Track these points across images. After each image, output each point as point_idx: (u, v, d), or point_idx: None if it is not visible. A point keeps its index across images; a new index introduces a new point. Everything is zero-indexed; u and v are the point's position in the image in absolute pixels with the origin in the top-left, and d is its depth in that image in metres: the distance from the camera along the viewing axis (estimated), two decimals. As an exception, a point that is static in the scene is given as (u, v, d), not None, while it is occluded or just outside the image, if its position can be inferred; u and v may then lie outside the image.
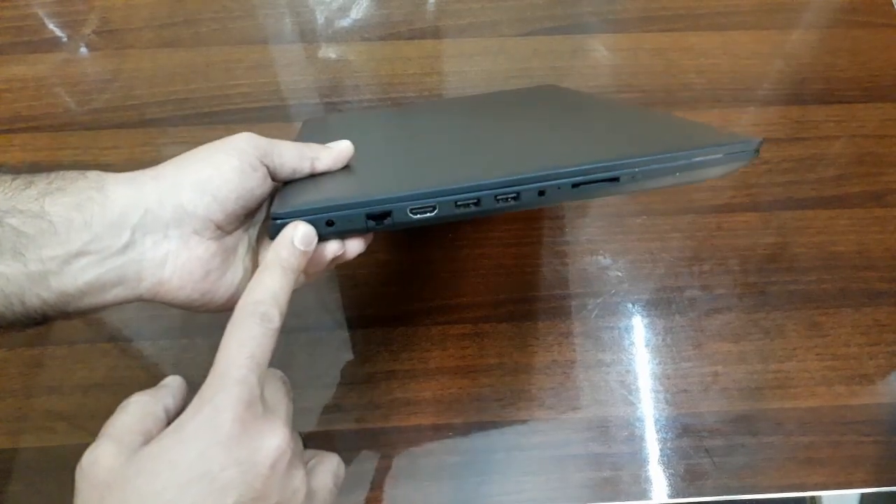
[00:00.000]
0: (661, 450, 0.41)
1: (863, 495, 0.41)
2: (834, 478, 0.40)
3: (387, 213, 0.29)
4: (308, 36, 0.58)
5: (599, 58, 0.58)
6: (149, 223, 0.27)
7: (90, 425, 0.24)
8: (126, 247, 0.27)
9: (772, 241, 0.48)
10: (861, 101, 0.55)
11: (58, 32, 0.57)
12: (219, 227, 0.29)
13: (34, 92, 0.54)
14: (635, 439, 0.41)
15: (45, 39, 0.57)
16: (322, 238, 0.30)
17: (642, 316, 0.45)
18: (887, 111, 0.55)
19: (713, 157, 0.31)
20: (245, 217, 0.31)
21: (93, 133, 0.52)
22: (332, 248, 0.31)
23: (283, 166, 0.31)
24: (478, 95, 0.53)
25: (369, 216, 0.29)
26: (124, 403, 0.26)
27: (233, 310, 0.26)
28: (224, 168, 0.28)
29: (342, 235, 0.31)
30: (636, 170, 0.30)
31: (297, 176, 0.32)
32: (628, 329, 0.45)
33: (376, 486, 0.39)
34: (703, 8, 0.61)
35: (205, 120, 0.53)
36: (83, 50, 0.56)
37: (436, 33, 0.59)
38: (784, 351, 0.44)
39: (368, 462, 0.40)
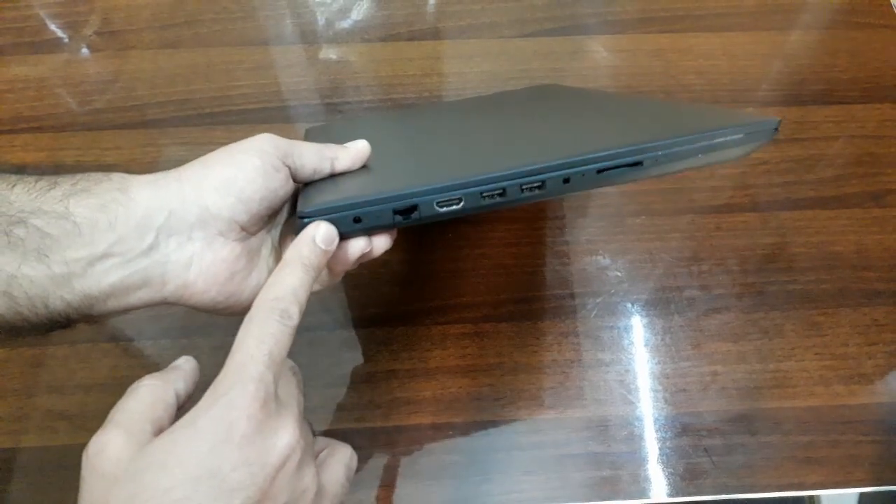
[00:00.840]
0: (660, 449, 0.41)
1: (861, 494, 0.41)
2: (832, 477, 0.40)
3: (413, 208, 0.29)
4: (309, 37, 0.59)
5: (599, 59, 0.58)
6: (173, 225, 0.27)
7: (91, 425, 0.24)
8: (150, 249, 0.27)
9: (771, 241, 0.49)
10: (860, 101, 0.55)
11: (59, 33, 0.58)
12: (243, 229, 0.29)
13: (36, 93, 0.54)
14: (634, 438, 0.41)
15: (46, 40, 0.57)
16: (349, 235, 0.30)
17: (641, 316, 0.45)
18: (886, 112, 0.55)
19: (735, 136, 0.31)
20: (268, 218, 0.31)
21: (94, 133, 0.52)
22: (359, 245, 0.30)
23: (303, 167, 0.31)
24: (479, 97, 0.53)
25: (396, 211, 0.29)
26: (134, 387, 0.26)
27: None
28: (247, 169, 0.28)
29: (369, 232, 0.30)
30: (659, 153, 0.30)
31: (318, 176, 0.32)
32: (628, 329, 0.45)
33: (377, 484, 0.39)
34: (702, 9, 0.61)
35: (206, 121, 0.53)
36: (85, 51, 0.57)
37: (436, 34, 0.59)
38: (783, 350, 0.44)
39: (368, 461, 0.40)
